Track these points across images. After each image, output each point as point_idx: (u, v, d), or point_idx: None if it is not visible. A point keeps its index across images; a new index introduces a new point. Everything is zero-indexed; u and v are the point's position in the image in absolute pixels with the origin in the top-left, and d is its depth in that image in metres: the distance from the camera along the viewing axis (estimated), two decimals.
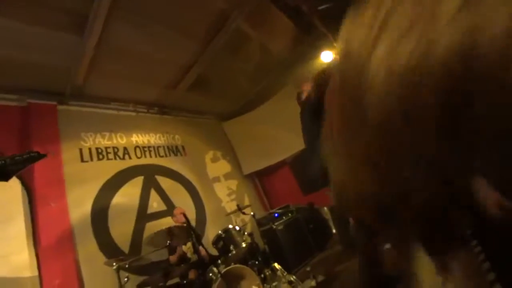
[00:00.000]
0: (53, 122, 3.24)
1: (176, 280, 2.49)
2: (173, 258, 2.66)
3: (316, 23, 3.61)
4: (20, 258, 2.47)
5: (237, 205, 3.15)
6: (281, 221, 3.69)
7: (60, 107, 3.39)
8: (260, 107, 5.09)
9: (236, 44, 3.76)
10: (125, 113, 4.09)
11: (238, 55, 4.05)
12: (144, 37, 3.13)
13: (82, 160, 3.30)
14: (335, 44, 3.61)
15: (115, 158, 3.61)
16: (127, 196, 3.46)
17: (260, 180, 5.39)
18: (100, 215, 3.11)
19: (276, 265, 2.79)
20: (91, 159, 3.38)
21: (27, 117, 3.05)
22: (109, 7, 2.51)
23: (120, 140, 3.79)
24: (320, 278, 2.70)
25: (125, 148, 3.78)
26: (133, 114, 4.19)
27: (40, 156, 0.85)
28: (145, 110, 4.36)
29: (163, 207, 3.71)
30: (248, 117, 5.19)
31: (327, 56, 3.90)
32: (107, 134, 3.69)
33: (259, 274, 2.43)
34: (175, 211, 3.02)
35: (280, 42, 4.19)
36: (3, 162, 0.78)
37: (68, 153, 3.21)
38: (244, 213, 3.00)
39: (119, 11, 2.68)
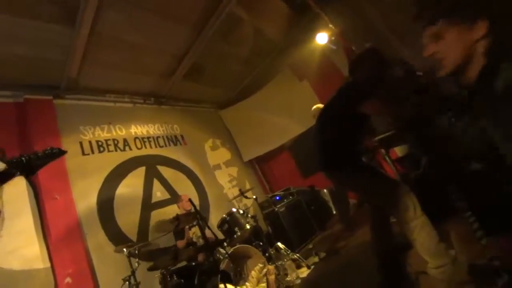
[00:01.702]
0: (51, 116, 3.23)
1: (184, 263, 2.59)
2: (181, 243, 2.76)
3: (310, 3, 3.56)
4: (31, 251, 2.54)
5: (239, 190, 3.22)
6: (282, 204, 3.79)
7: (56, 101, 3.37)
8: (257, 93, 5.08)
9: (230, 29, 3.71)
10: (122, 105, 4.08)
11: (232, 41, 4.01)
12: (136, 26, 3.09)
13: (83, 153, 3.33)
14: (330, 25, 3.58)
15: (115, 150, 3.64)
16: (131, 186, 3.51)
17: (260, 166, 5.47)
18: (106, 206, 3.17)
19: (279, 244, 2.90)
20: (92, 152, 3.41)
21: (24, 113, 3.04)
22: None
23: (119, 132, 3.81)
24: (322, 254, 2.82)
25: (124, 140, 3.80)
26: (130, 105, 4.18)
27: (61, 152, 0.89)
28: (142, 101, 4.35)
29: (166, 195, 3.78)
30: (245, 104, 5.19)
31: (322, 38, 3.87)
32: (106, 126, 3.70)
33: (263, 254, 2.53)
34: (181, 198, 3.09)
35: (274, 25, 4.14)
36: (27, 158, 0.82)
37: (69, 147, 3.22)
38: (246, 197, 3.08)
39: (110, 0, 2.63)
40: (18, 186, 2.71)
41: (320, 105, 3.42)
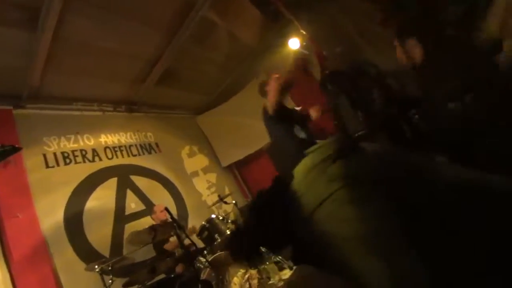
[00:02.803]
0: (10, 128, 2.98)
1: (162, 276, 2.48)
2: (170, 245, 2.62)
3: (283, 10, 3.66)
4: None
5: (219, 196, 3.18)
6: None
7: (16, 111, 3.12)
8: (233, 98, 5.07)
9: (204, 34, 3.68)
10: (91, 113, 3.87)
11: (206, 46, 3.98)
12: (105, 30, 2.96)
13: (47, 166, 3.09)
14: (301, 31, 3.70)
15: (83, 161, 3.42)
16: (102, 199, 3.31)
17: (240, 171, 5.43)
18: (74, 222, 2.96)
19: (261, 248, 2.88)
20: (57, 164, 3.17)
21: None
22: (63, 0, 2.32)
23: (87, 142, 3.59)
24: None
25: (93, 150, 3.59)
26: (99, 113, 3.97)
27: (15, 149, 0.81)
28: (112, 109, 4.14)
29: (141, 206, 3.61)
30: (221, 109, 5.15)
31: (294, 43, 3.97)
32: (73, 136, 3.48)
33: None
34: (155, 208, 2.96)
35: (248, 30, 4.18)
36: None
37: (31, 160, 2.98)
38: (226, 203, 3.04)
39: (74, 3, 2.49)
40: None
41: (297, 108, 3.49)
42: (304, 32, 3.68)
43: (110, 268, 2.18)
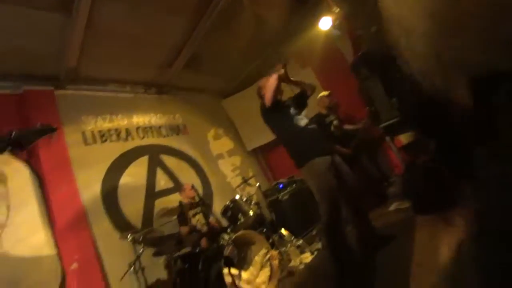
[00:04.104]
0: (52, 107, 3.22)
1: (188, 249, 2.62)
2: (184, 229, 2.78)
3: None
4: (38, 239, 2.57)
5: (243, 178, 3.23)
6: (286, 192, 3.79)
7: (57, 92, 3.35)
8: (258, 82, 5.00)
9: (229, 18, 3.62)
10: (123, 95, 4.06)
11: (232, 30, 3.92)
12: (133, 17, 3.02)
13: (86, 144, 3.33)
14: (334, 9, 3.48)
15: (118, 140, 3.65)
16: (134, 176, 3.53)
17: (264, 155, 5.45)
18: (110, 195, 3.20)
19: (283, 231, 2.92)
20: (95, 142, 3.41)
21: (25, 104, 3.03)
22: None
23: (121, 122, 3.80)
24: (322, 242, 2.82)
25: (127, 130, 3.79)
26: (131, 95, 4.15)
27: (52, 129, 0.87)
28: (143, 91, 4.31)
29: (170, 184, 3.80)
30: (247, 93, 5.12)
31: (325, 23, 3.77)
32: (108, 116, 3.69)
33: (267, 240, 2.55)
34: (184, 186, 3.09)
35: (275, 13, 4.03)
36: (17, 133, 0.80)
37: (71, 137, 3.23)
38: (249, 185, 3.08)
39: None
40: (22, 176, 2.73)
41: (325, 93, 3.36)
42: (337, 10, 3.46)
43: (141, 238, 2.34)
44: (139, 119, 4.02)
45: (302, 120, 1.97)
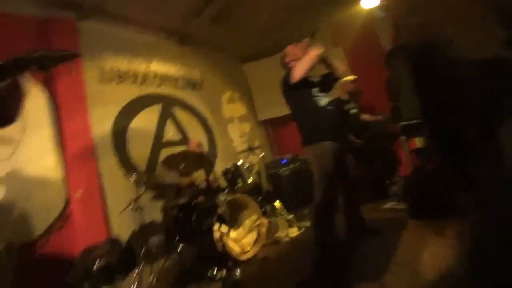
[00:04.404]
0: (74, 37, 3.18)
1: (185, 200, 2.76)
2: (185, 180, 2.91)
3: None
4: (48, 162, 2.73)
5: (249, 145, 3.26)
6: (287, 168, 3.85)
7: (80, 24, 3.29)
8: (282, 52, 4.79)
9: None
10: (145, 38, 3.96)
11: None
12: None
13: (103, 81, 3.35)
14: None
15: (134, 83, 3.66)
16: (145, 121, 3.60)
17: (273, 128, 5.43)
18: (120, 135, 3.30)
19: (277, 203, 3.03)
20: (111, 81, 3.43)
21: (46, 30, 2.98)
22: None
23: (139, 66, 3.77)
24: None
25: (144, 75, 3.78)
26: (153, 40, 4.06)
27: (74, 55, 0.86)
28: (166, 37, 4.20)
29: (178, 137, 3.88)
30: (270, 61, 4.93)
31: (368, 2, 3.45)
32: (128, 57, 3.66)
33: (260, 208, 2.65)
34: (191, 142, 3.16)
35: None
36: (42, 53, 0.80)
37: (89, 73, 3.24)
38: (254, 154, 3.12)
39: None
40: (39, 100, 2.81)
41: (351, 77, 3.21)
42: None
43: (143, 181, 2.47)
44: (158, 67, 3.98)
45: (323, 100, 1.90)
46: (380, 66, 2.94)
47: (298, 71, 1.78)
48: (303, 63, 1.76)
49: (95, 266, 2.40)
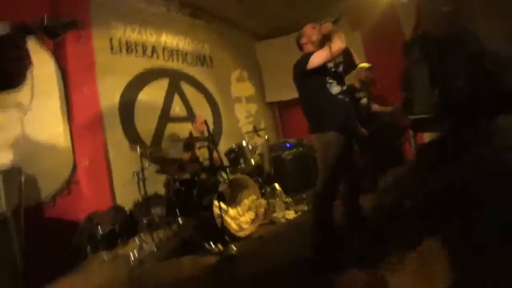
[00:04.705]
0: (84, 4, 3.10)
1: (188, 176, 2.82)
2: (186, 156, 2.95)
3: None
4: (56, 129, 2.79)
5: (254, 126, 3.25)
6: (291, 152, 3.85)
7: None
8: (301, 30, 4.61)
9: None
10: (156, 9, 3.84)
11: None
12: None
13: (112, 51, 3.32)
14: None
15: (143, 56, 3.61)
16: (153, 95, 3.60)
17: (280, 111, 5.37)
18: (127, 107, 3.32)
19: (276, 185, 3.07)
20: (120, 52, 3.39)
21: None
22: None
23: (149, 38, 3.70)
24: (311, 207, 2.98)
25: (153, 47, 3.72)
26: (164, 11, 3.93)
27: (79, 23, 0.84)
28: (177, 9, 4.06)
29: (184, 113, 3.89)
30: (283, 41, 4.76)
31: None
32: (137, 28, 3.58)
33: (260, 189, 2.70)
34: (197, 119, 3.15)
35: None
36: (50, 21, 0.78)
37: (99, 42, 3.20)
38: (259, 136, 3.12)
39: None
40: (48, 68, 2.80)
41: (365, 65, 3.09)
42: None
43: (148, 154, 2.51)
44: (168, 39, 3.90)
45: (335, 88, 1.85)
46: (397, 55, 2.84)
47: (318, 59, 1.71)
48: (325, 53, 1.68)
49: (98, 231, 2.52)
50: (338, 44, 1.68)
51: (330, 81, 1.84)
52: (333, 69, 1.92)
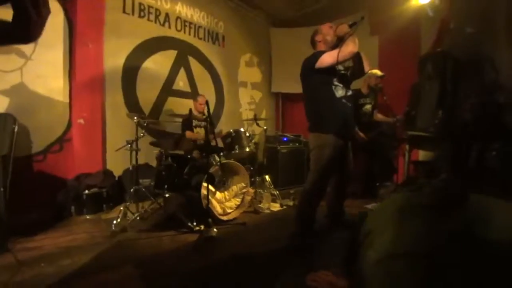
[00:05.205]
0: None
1: (181, 153, 2.82)
2: (190, 134, 2.96)
3: None
4: (56, 83, 2.73)
5: (255, 115, 3.23)
6: (287, 146, 3.87)
7: None
8: (318, 26, 4.49)
9: None
10: None
11: None
12: None
13: (124, 11, 3.20)
14: None
15: (155, 21, 3.49)
16: (158, 64, 3.52)
17: (283, 103, 5.33)
18: (130, 72, 3.25)
19: (267, 176, 3.10)
20: (132, 13, 3.27)
21: None
22: None
23: (164, 4, 3.56)
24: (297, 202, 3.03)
25: (167, 15, 3.59)
26: None
27: None
28: None
29: (187, 88, 3.83)
30: (301, 32, 4.62)
31: None
32: None
33: (250, 178, 2.72)
34: (199, 98, 3.11)
35: None
36: None
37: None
38: (258, 125, 3.11)
39: None
40: (55, 18, 2.70)
41: (378, 72, 3.04)
42: None
43: (145, 124, 2.49)
44: (182, 9, 3.76)
45: (340, 91, 1.83)
46: (410, 68, 2.79)
47: (329, 59, 1.70)
48: (336, 54, 1.65)
49: (85, 192, 2.54)
50: (350, 47, 1.65)
51: (336, 83, 1.83)
52: (341, 72, 1.90)
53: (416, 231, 0.64)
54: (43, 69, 2.62)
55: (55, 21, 2.71)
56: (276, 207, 2.89)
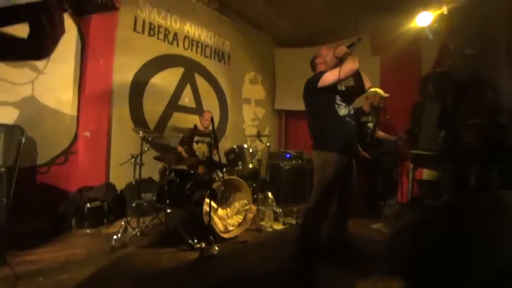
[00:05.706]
0: None
1: (185, 168, 2.82)
2: (180, 149, 2.98)
3: None
4: (65, 96, 2.81)
5: (258, 132, 3.25)
6: (289, 163, 3.87)
7: None
8: (320, 47, 4.63)
9: None
10: None
11: None
12: None
13: (135, 30, 3.34)
14: (443, 9, 2.95)
15: (164, 40, 3.63)
16: (165, 81, 3.61)
17: (286, 120, 5.39)
18: (138, 88, 3.34)
19: (269, 193, 3.07)
20: (143, 32, 3.41)
21: None
22: None
23: (173, 24, 3.72)
24: (300, 221, 2.98)
25: (175, 34, 3.74)
26: (193, 1, 3.96)
27: (113, 7, 0.84)
28: (206, 2, 4.10)
29: (193, 104, 3.90)
30: (304, 52, 4.78)
31: (424, 20, 3.21)
32: (163, 12, 3.61)
33: (252, 195, 2.70)
34: (205, 114, 3.16)
35: None
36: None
37: (124, 18, 3.23)
38: (261, 141, 3.13)
39: None
40: (69, 34, 2.83)
41: (382, 93, 3.10)
42: (444, 11, 2.94)
43: (150, 139, 2.52)
44: (191, 29, 3.92)
45: (343, 109, 1.86)
46: (410, 88, 2.85)
47: (331, 77, 1.73)
48: (338, 72, 1.69)
49: (87, 205, 2.53)
50: (351, 64, 1.69)
51: (339, 102, 1.86)
52: (343, 90, 1.94)
53: None
54: (54, 82, 2.71)
55: (68, 36, 2.83)
56: (278, 225, 2.83)
